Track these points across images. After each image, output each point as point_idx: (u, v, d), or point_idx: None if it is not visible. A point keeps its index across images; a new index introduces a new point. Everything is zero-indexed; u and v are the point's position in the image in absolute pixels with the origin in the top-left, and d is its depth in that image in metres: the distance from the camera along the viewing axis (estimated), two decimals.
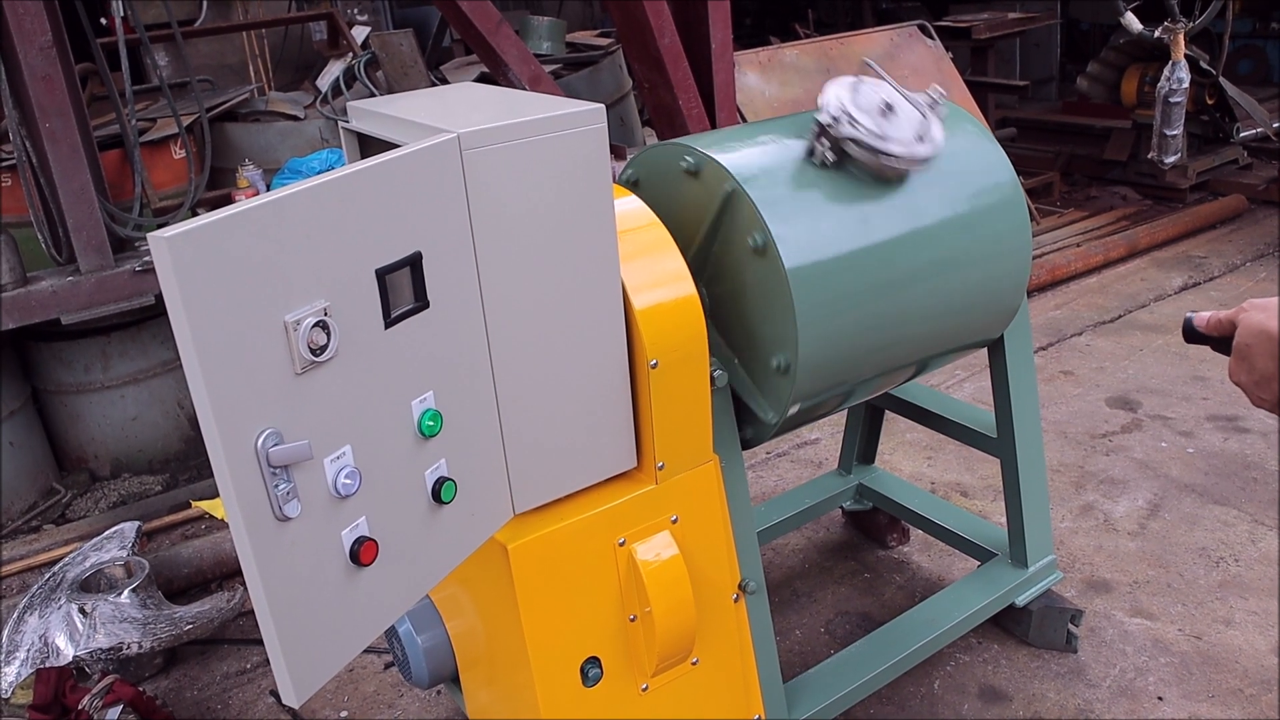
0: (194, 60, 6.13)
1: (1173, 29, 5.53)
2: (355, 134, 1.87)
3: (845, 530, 3.46)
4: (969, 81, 6.18)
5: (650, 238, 1.93)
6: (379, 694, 2.88)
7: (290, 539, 1.37)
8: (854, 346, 2.09)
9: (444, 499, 1.61)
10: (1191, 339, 1.35)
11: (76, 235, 3.63)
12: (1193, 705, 2.60)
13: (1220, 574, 3.08)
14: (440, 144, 1.51)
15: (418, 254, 1.50)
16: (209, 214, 1.24)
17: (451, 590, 2.14)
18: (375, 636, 1.56)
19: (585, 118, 1.66)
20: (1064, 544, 3.26)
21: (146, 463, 4.24)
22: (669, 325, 1.86)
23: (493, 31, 3.81)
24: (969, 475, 3.72)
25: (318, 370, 1.37)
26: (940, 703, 2.68)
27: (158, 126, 4.72)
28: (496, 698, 2.13)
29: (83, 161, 3.58)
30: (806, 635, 2.98)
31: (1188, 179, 6.44)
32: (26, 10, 3.39)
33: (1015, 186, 2.31)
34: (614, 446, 1.89)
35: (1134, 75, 6.40)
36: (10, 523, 3.88)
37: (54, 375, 4.07)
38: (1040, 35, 8.86)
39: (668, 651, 1.96)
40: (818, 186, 2.06)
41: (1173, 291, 5.34)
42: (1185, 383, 4.29)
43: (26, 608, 2.93)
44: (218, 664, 3.07)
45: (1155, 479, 3.61)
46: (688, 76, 4.10)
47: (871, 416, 3.23)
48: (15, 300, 3.52)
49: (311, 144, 5.40)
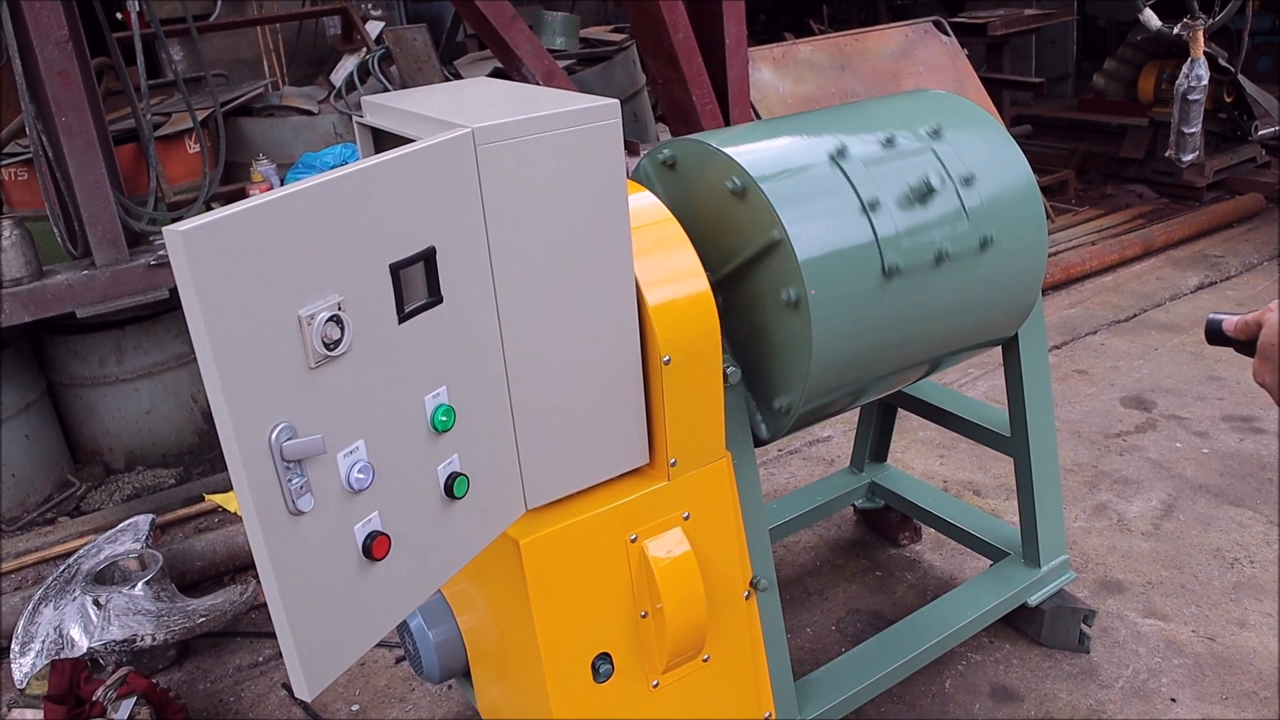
0: (209, 55, 6.15)
1: (1191, 25, 5.48)
2: (369, 129, 1.87)
3: (857, 528, 3.45)
4: (984, 78, 6.14)
5: (664, 233, 1.92)
6: (390, 688, 2.88)
7: (303, 533, 1.37)
8: (867, 346, 2.09)
9: (456, 494, 1.61)
10: (1216, 341, 1.34)
11: (92, 229, 3.65)
12: (1206, 707, 2.58)
13: (1235, 575, 3.06)
14: (454, 139, 1.51)
15: (431, 249, 1.49)
16: (223, 208, 1.24)
17: (463, 585, 2.15)
18: (387, 631, 1.56)
19: (599, 113, 1.66)
20: (1077, 544, 3.24)
21: (160, 456, 4.26)
22: (682, 321, 1.85)
23: (506, 26, 3.81)
24: (982, 474, 3.71)
25: (331, 365, 1.37)
26: (951, 702, 2.67)
27: (172, 121, 4.73)
28: (508, 693, 2.13)
29: (98, 156, 3.60)
30: (818, 633, 2.97)
31: (1205, 177, 6.39)
32: (43, 5, 3.40)
33: (1030, 184, 2.29)
34: (626, 443, 1.89)
35: (1151, 72, 6.36)
36: (26, 515, 3.91)
37: (69, 368, 4.09)
38: (1056, 32, 8.81)
39: (679, 648, 1.96)
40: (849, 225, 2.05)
41: (1189, 291, 5.30)
42: (1201, 382, 4.27)
43: (42, 599, 2.95)
44: (230, 657, 3.08)
45: (1170, 479, 3.59)
46: (702, 72, 4.09)
47: (884, 414, 3.22)
48: (31, 293, 3.54)
49: (325, 139, 5.40)
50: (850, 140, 2.13)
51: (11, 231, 3.53)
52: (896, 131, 2.18)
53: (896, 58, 5.73)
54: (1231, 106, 6.37)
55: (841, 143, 2.11)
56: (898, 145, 2.16)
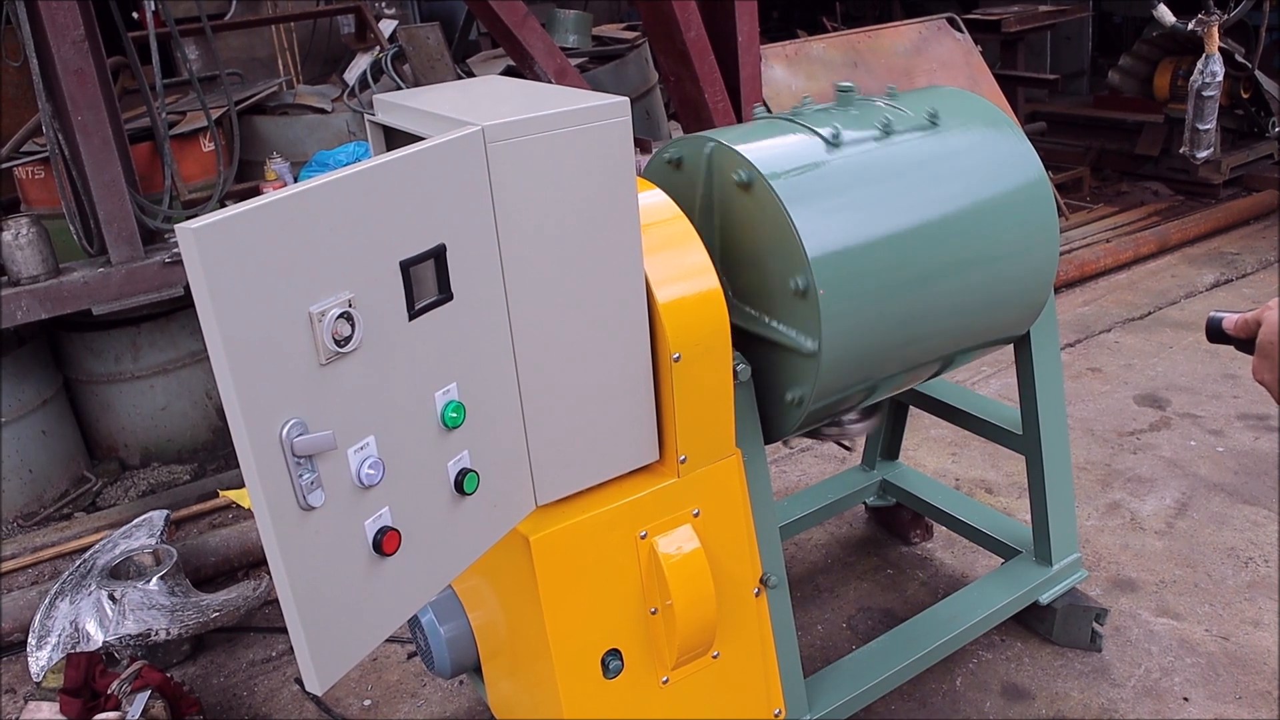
0: (223, 54, 6.18)
1: (1207, 21, 5.44)
2: (381, 127, 1.88)
3: (868, 526, 3.45)
4: (998, 75, 6.12)
5: (674, 231, 1.92)
6: (402, 683, 2.90)
7: (314, 528, 1.38)
8: (879, 342, 2.09)
9: (466, 490, 1.62)
10: (1215, 339, 1.34)
11: (107, 227, 3.68)
12: (1219, 707, 2.57)
13: (1249, 574, 3.04)
14: (465, 137, 1.52)
15: (442, 246, 1.50)
16: (236, 205, 1.25)
17: (474, 581, 2.16)
18: (398, 626, 1.57)
19: (610, 111, 1.66)
20: (1090, 542, 3.23)
21: (175, 452, 4.29)
22: (692, 318, 1.85)
23: (519, 25, 3.82)
24: (993, 472, 3.70)
25: (342, 361, 1.38)
26: (962, 700, 2.67)
27: (187, 120, 4.76)
28: (518, 688, 2.14)
29: (114, 154, 3.63)
30: (828, 630, 2.97)
31: (1221, 174, 6.35)
32: (60, 5, 3.43)
33: (1043, 182, 2.28)
34: (636, 439, 1.89)
35: (1167, 69, 6.31)
36: (43, 510, 3.94)
37: (85, 365, 4.13)
38: (1071, 28, 8.76)
39: (688, 645, 1.96)
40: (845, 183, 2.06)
41: (1204, 288, 5.27)
42: (1215, 381, 4.24)
43: (58, 594, 2.98)
44: (243, 651, 3.10)
45: (1184, 477, 3.57)
46: (714, 70, 4.09)
47: (896, 412, 3.21)
48: (48, 291, 3.57)
49: (339, 137, 5.42)
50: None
51: (28, 229, 3.56)
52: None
53: (910, 55, 5.72)
54: (1248, 103, 6.32)
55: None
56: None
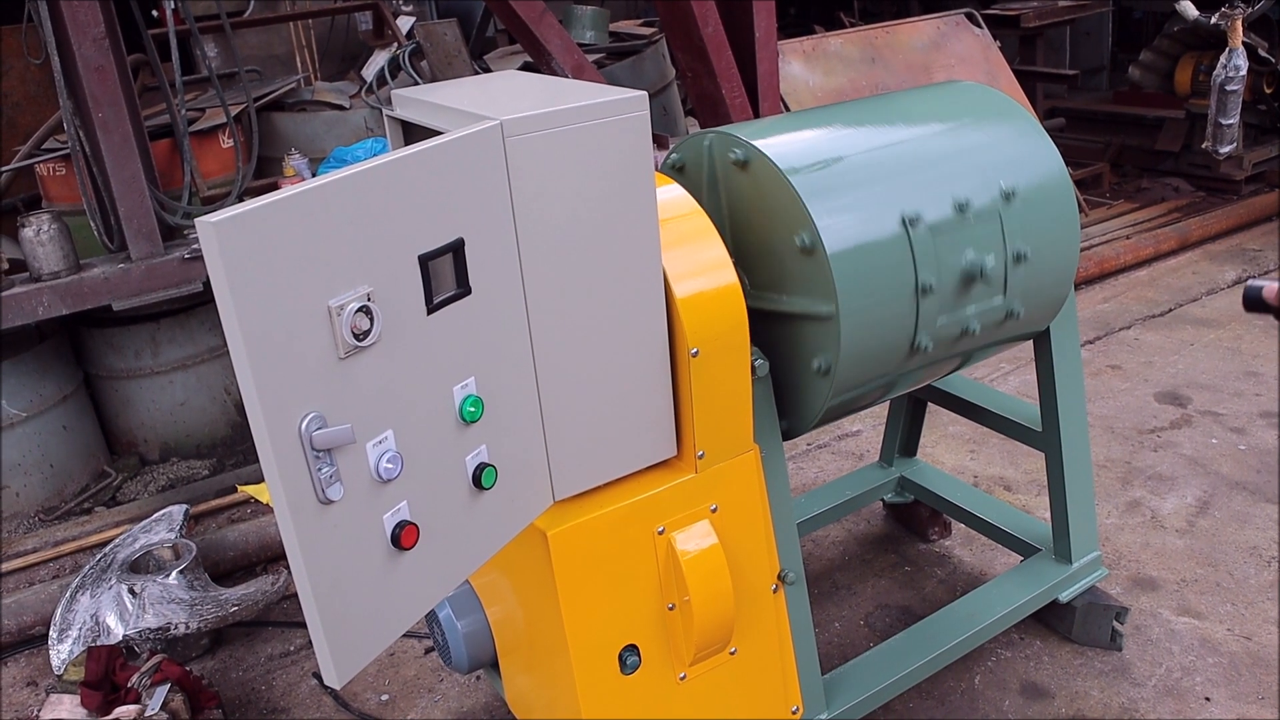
0: (242, 51, 6.21)
1: (1230, 15, 5.39)
2: (399, 121, 1.88)
3: (886, 523, 3.43)
4: (1017, 71, 6.08)
5: (692, 226, 1.92)
6: (419, 678, 2.91)
7: (333, 522, 1.39)
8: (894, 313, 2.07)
9: (484, 485, 1.62)
10: (1253, 308, 1.33)
11: (128, 223, 3.70)
12: (1241, 707, 2.55)
13: (1271, 573, 3.01)
14: (483, 131, 1.52)
15: (460, 240, 1.50)
16: (255, 200, 1.25)
17: (491, 576, 2.16)
18: (415, 620, 1.58)
19: (628, 105, 1.66)
20: (1110, 540, 3.21)
21: (194, 447, 4.32)
22: (710, 314, 1.85)
23: (536, 21, 3.82)
24: (1012, 469, 3.67)
25: (361, 355, 1.38)
26: (981, 698, 2.65)
27: (206, 116, 4.79)
28: (535, 684, 2.14)
29: (134, 151, 3.65)
30: (846, 628, 2.96)
31: (1243, 170, 6.29)
32: (81, 4, 3.46)
33: (1063, 178, 2.27)
34: (654, 435, 1.89)
35: (1188, 63, 6.26)
36: (64, 504, 3.97)
37: (105, 360, 4.16)
38: (1091, 23, 8.68)
39: (706, 641, 1.96)
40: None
41: (1226, 285, 5.21)
42: (1237, 378, 4.20)
43: (79, 588, 3.00)
44: (262, 646, 3.12)
45: (1205, 476, 3.53)
46: (731, 66, 4.08)
47: (914, 409, 3.20)
48: (69, 287, 3.60)
49: (357, 133, 5.43)
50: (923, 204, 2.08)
51: (50, 226, 3.59)
52: (970, 195, 2.12)
53: (928, 50, 5.68)
54: (1271, 98, 6.25)
55: (916, 210, 2.05)
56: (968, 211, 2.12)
